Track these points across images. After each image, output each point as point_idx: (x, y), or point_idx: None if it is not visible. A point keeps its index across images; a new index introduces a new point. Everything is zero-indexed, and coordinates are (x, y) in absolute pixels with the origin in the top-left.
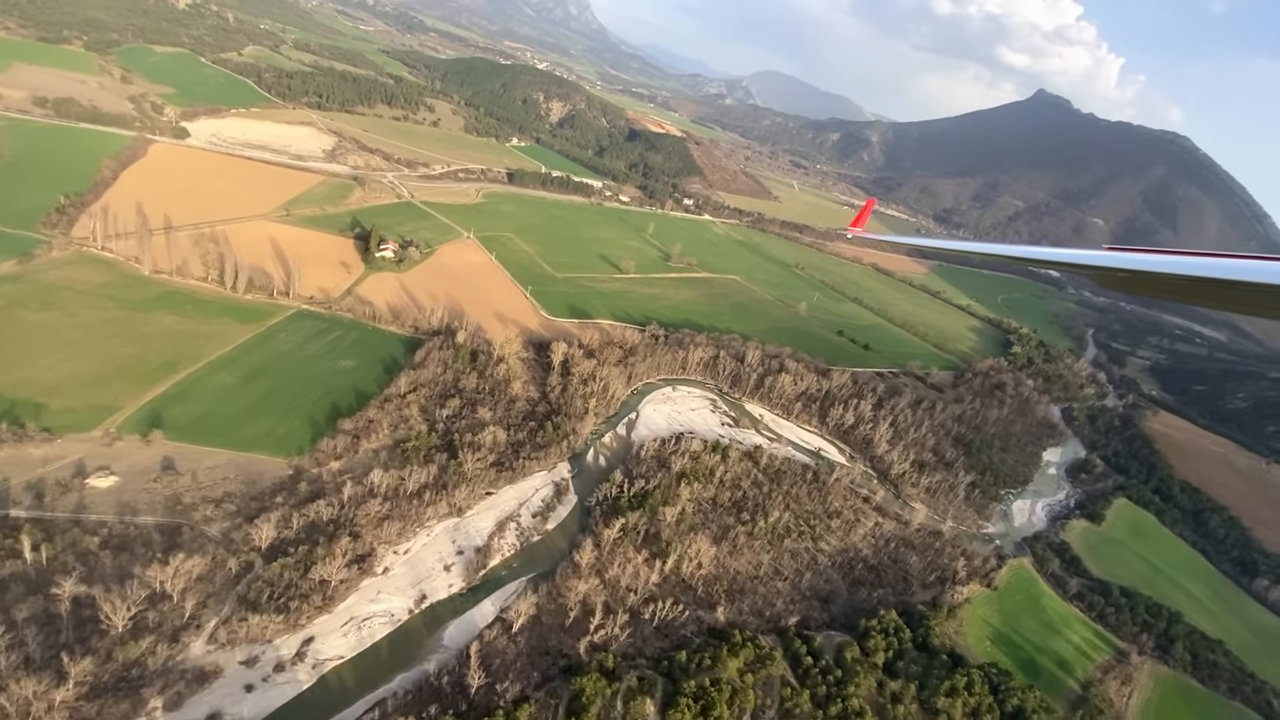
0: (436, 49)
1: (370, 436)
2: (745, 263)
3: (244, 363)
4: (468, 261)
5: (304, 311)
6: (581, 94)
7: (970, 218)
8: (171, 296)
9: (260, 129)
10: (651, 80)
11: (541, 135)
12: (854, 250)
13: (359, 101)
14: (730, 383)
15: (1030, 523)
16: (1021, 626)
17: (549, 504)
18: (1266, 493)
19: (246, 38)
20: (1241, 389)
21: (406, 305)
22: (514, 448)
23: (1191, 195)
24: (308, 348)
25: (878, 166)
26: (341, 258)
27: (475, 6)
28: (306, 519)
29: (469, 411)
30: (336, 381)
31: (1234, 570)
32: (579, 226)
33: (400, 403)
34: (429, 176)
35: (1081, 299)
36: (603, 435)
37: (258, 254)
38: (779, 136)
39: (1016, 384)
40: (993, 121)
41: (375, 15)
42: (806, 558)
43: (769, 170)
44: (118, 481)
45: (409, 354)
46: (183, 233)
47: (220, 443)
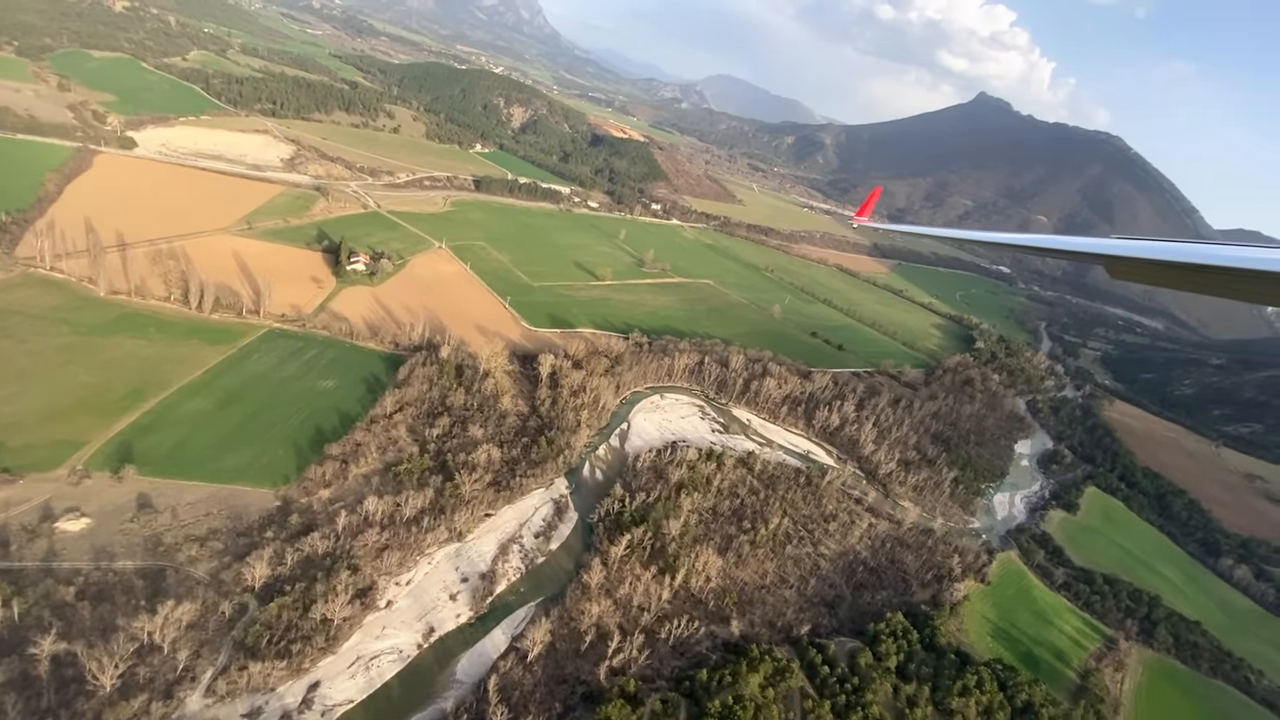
0: (389, 53)
1: (359, 461)
2: (717, 267)
3: (217, 387)
4: (442, 272)
5: (276, 330)
6: (542, 99)
7: (923, 217)
8: (132, 319)
9: (213, 138)
10: (607, 84)
11: (505, 141)
12: (819, 252)
13: (315, 108)
14: (716, 388)
15: (1012, 515)
16: (1017, 620)
17: (550, 523)
18: (1218, 475)
19: (190, 42)
20: (1186, 376)
21: (383, 320)
22: (509, 465)
23: (1126, 192)
24: (284, 369)
25: (832, 169)
26: (311, 272)
27: (425, 10)
28: (301, 554)
29: (460, 430)
30: (318, 404)
31: (1200, 551)
32: (550, 233)
33: (387, 423)
34: (394, 185)
35: (1031, 294)
36: (596, 448)
37: (221, 270)
38: (736, 140)
39: (984, 379)
40: (938, 123)
41: (322, 19)
42: (809, 564)
43: (729, 174)
44: (90, 524)
45: (391, 371)
46: (138, 249)
47: (199, 475)
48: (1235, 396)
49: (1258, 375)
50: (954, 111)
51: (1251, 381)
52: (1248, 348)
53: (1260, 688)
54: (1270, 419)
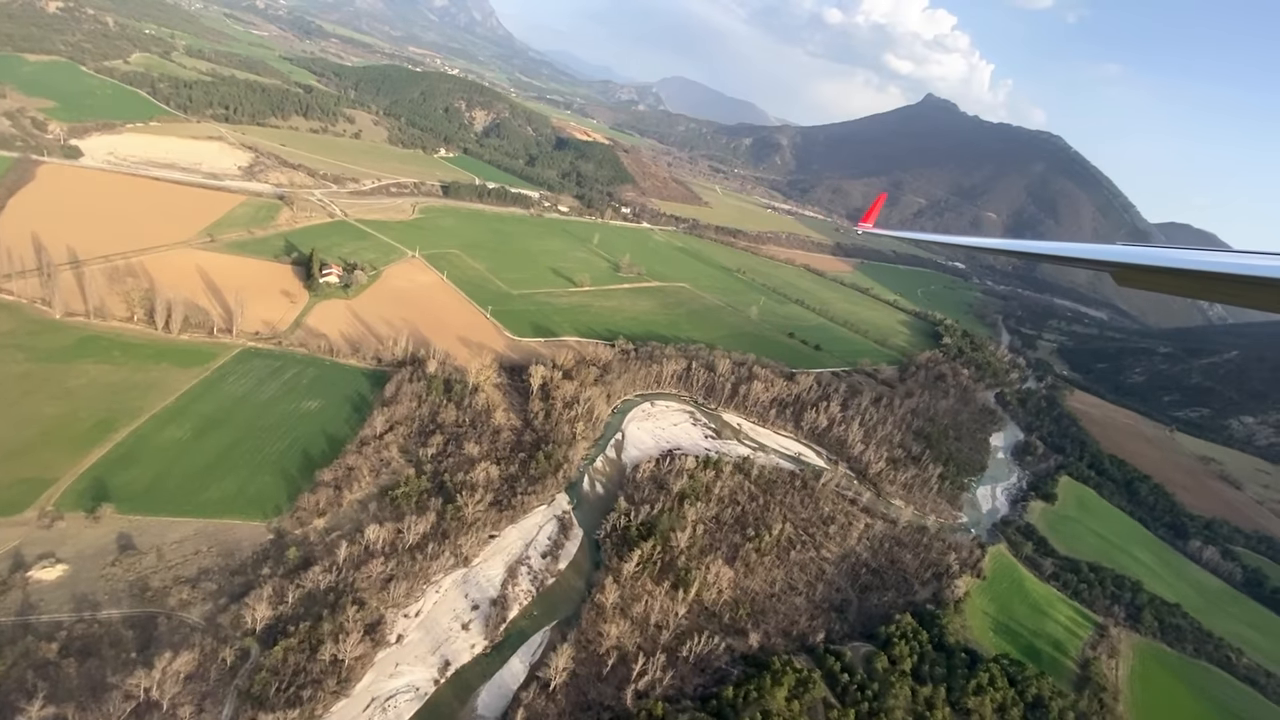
0: (340, 55)
1: (352, 486)
2: (691, 270)
3: (193, 414)
4: (418, 282)
5: (251, 350)
6: (504, 102)
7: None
8: (94, 342)
9: (164, 145)
10: (564, 86)
11: (469, 145)
12: (786, 252)
13: (271, 113)
14: (705, 393)
15: (995, 508)
16: (1014, 613)
17: (556, 541)
18: (1176, 459)
19: (130, 44)
20: (1137, 365)
21: (363, 335)
22: (508, 483)
23: (1068, 189)
24: (263, 390)
25: (790, 170)
26: (282, 286)
27: (374, 11)
28: (302, 590)
29: (454, 448)
30: (303, 427)
31: (1169, 535)
32: (523, 239)
33: (378, 444)
34: (360, 193)
35: (986, 288)
36: (594, 460)
37: (186, 287)
38: (695, 142)
39: (954, 374)
40: (889, 124)
41: (267, 19)
42: (814, 569)
43: (690, 176)
44: (68, 571)
45: (376, 389)
46: (93, 267)
47: (183, 510)
48: (1183, 383)
49: (1202, 362)
50: (903, 113)
51: (1197, 368)
52: (1187, 335)
53: (1241, 666)
54: (1216, 403)
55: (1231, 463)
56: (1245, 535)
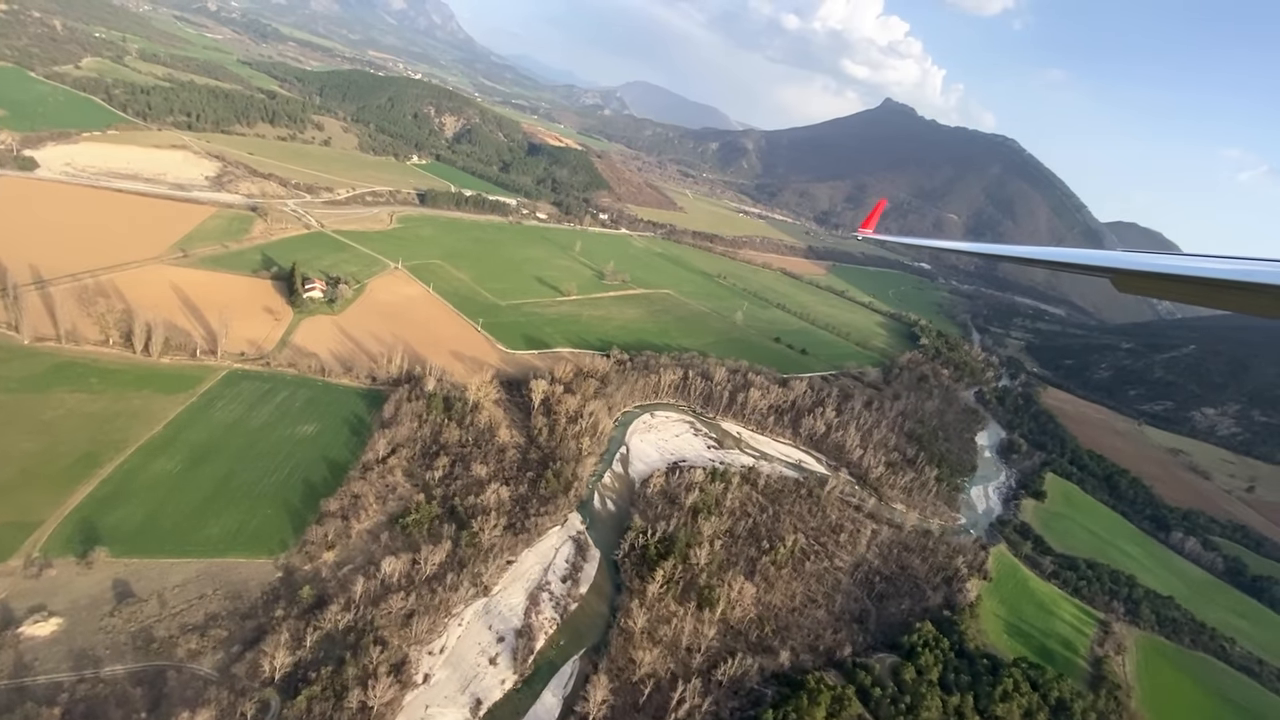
0: (299, 59)
1: (360, 515)
2: (672, 276)
3: (183, 443)
4: (404, 295)
5: (238, 372)
6: (474, 108)
7: (846, 218)
8: (68, 369)
9: (125, 155)
10: (527, 91)
11: (441, 152)
12: (762, 256)
13: (236, 120)
14: (703, 402)
15: (990, 508)
16: (1023, 613)
17: (574, 564)
18: (1147, 452)
19: (81, 48)
20: (1103, 360)
21: (353, 352)
22: (519, 504)
23: (1024, 190)
24: (255, 416)
25: (757, 173)
26: (264, 302)
27: (330, 14)
28: (319, 631)
29: (461, 469)
30: (301, 453)
31: (1151, 527)
32: (505, 248)
33: (382, 469)
34: (334, 202)
35: (952, 288)
36: (601, 476)
37: (162, 306)
38: (662, 147)
39: (935, 375)
40: (850, 128)
41: (220, 22)
42: (830, 579)
43: (661, 180)
44: (62, 624)
45: (373, 409)
46: (60, 286)
47: (183, 550)
48: (1146, 377)
49: (1163, 356)
50: (863, 117)
51: (1159, 362)
52: (1142, 330)
53: (1236, 655)
54: (1178, 396)
55: (1198, 454)
56: (1221, 525)
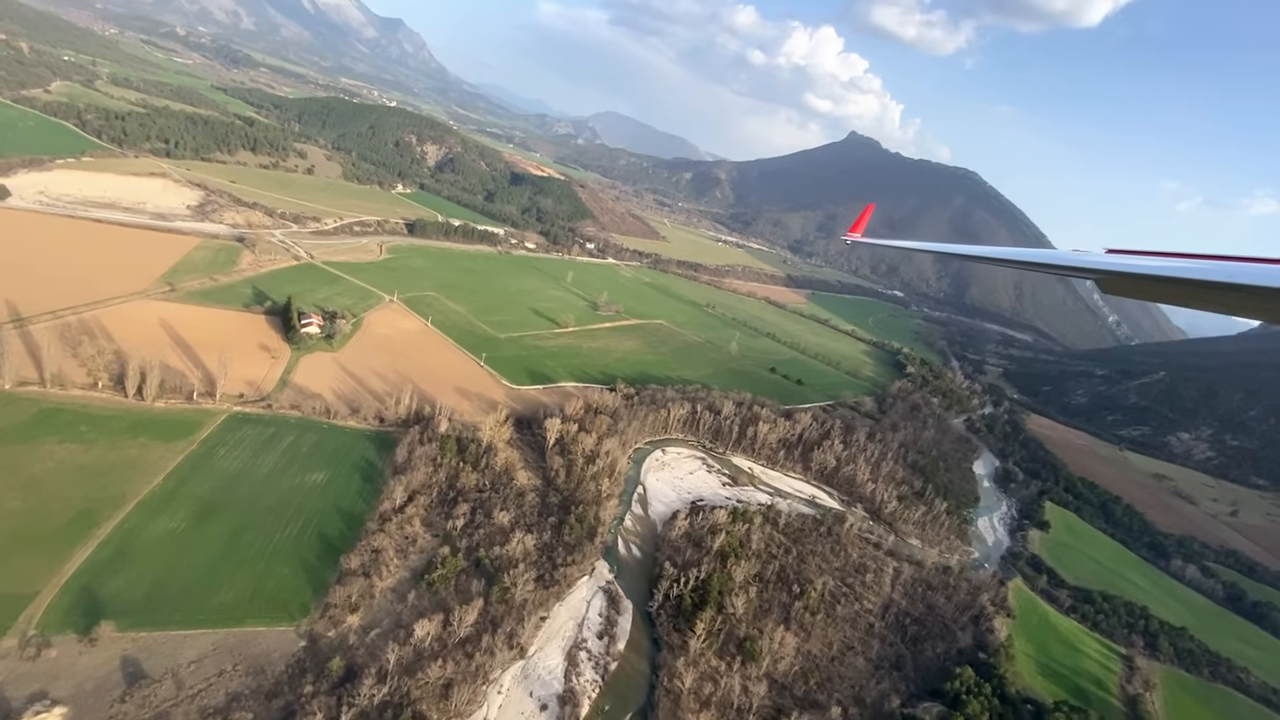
0: (272, 85)
1: (382, 571)
2: (663, 306)
3: (186, 497)
4: (402, 329)
5: (238, 415)
6: (456, 136)
7: (819, 247)
8: (55, 417)
9: (101, 182)
10: (501, 120)
11: (425, 181)
12: (746, 285)
13: (216, 147)
14: (712, 437)
15: (999, 540)
16: (1051, 651)
17: (608, 618)
18: (1133, 478)
19: (50, 71)
20: (1079, 387)
21: (357, 391)
22: (545, 553)
23: (987, 220)
24: (260, 464)
25: (730, 203)
26: (259, 339)
27: (301, 41)
28: (353, 708)
29: (483, 517)
30: (312, 504)
31: (1151, 555)
32: (497, 279)
33: (401, 519)
34: (322, 232)
35: (925, 315)
36: (623, 519)
37: (152, 344)
38: (637, 176)
39: (926, 403)
40: (818, 159)
41: (190, 47)
42: (863, 624)
43: (639, 209)
44: (68, 714)
45: (384, 453)
46: (40, 324)
47: (195, 620)
48: (1122, 402)
49: (1136, 383)
50: (830, 149)
51: (1133, 388)
52: (1109, 356)
53: (1253, 686)
54: (1154, 421)
55: (1180, 479)
56: (1214, 551)
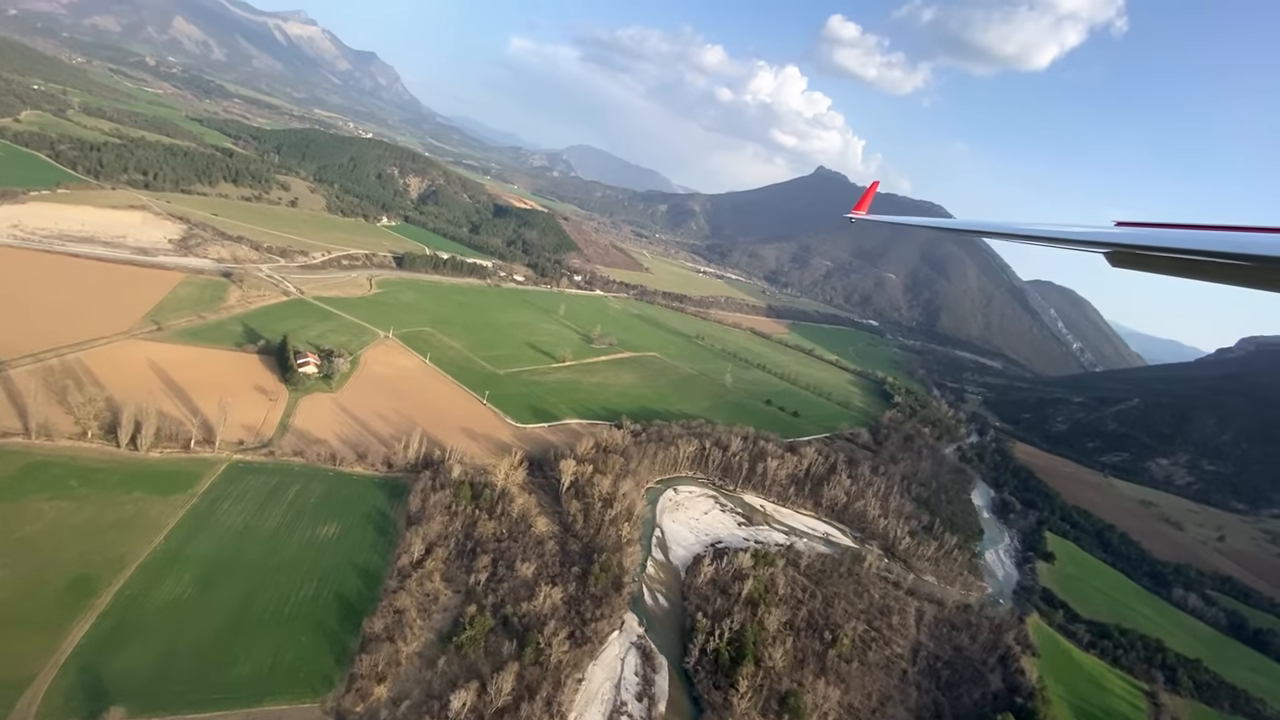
0: (246, 116)
1: (406, 635)
2: (654, 338)
3: (190, 558)
4: (401, 367)
5: (239, 464)
6: (438, 169)
7: (794, 277)
8: (41, 471)
9: (79, 216)
10: (476, 152)
11: (409, 213)
12: (731, 316)
13: (197, 179)
14: (721, 474)
15: (1008, 573)
16: (1080, 691)
17: (645, 677)
18: (1121, 504)
19: (19, 100)
20: (1059, 414)
21: (360, 435)
22: (572, 607)
23: (954, 252)
24: (267, 517)
25: (705, 234)
26: (254, 381)
27: (273, 73)
28: None
29: (505, 569)
30: (326, 560)
31: (1152, 584)
32: (490, 313)
33: (421, 575)
34: (310, 266)
35: (901, 344)
36: (644, 565)
37: (141, 388)
38: (613, 208)
39: (918, 434)
40: (788, 193)
41: (160, 77)
42: (896, 670)
43: (619, 241)
44: None
45: (395, 501)
46: (20, 368)
47: (211, 700)
48: (1101, 429)
49: (1113, 410)
50: (800, 183)
51: (1110, 415)
52: (1077, 382)
53: (1272, 717)
54: (1133, 447)
55: (1165, 504)
56: (1209, 578)
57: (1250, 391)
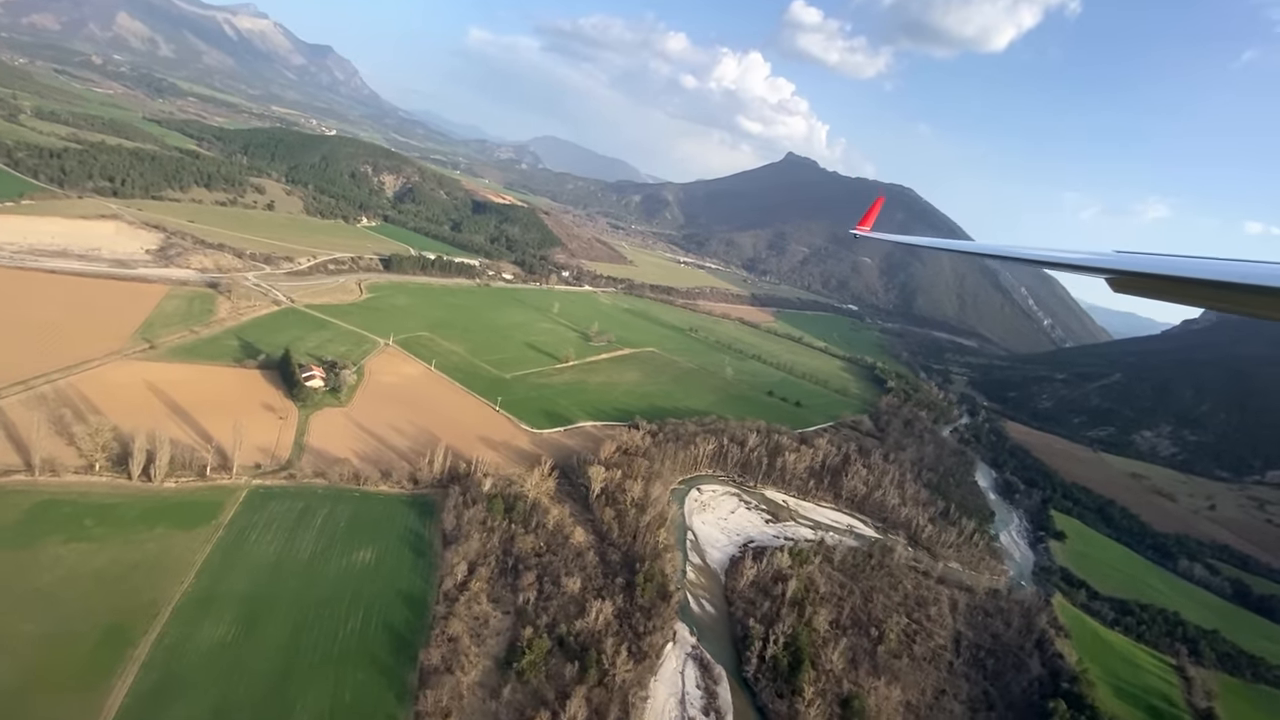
0: (203, 115)
1: (464, 664)
2: (649, 332)
3: (226, 597)
4: (406, 376)
5: (260, 490)
6: (413, 166)
7: (772, 264)
8: (51, 511)
9: (48, 228)
10: (442, 146)
11: (388, 213)
12: (720, 307)
13: (167, 184)
14: (740, 470)
15: (1024, 555)
16: (1115, 670)
17: (708, 690)
18: (1114, 479)
19: None
20: (1043, 391)
21: (378, 450)
22: (623, 620)
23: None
24: (298, 546)
25: (680, 224)
26: (260, 398)
27: (225, 69)
28: None
29: (551, 585)
30: (368, 589)
31: (1157, 557)
32: (484, 313)
33: (468, 598)
34: (296, 273)
35: (881, 328)
36: (685, 571)
37: (143, 411)
38: (586, 199)
39: (916, 418)
40: (760, 180)
41: (108, 77)
42: (942, 662)
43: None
44: None
45: (427, 520)
46: (10, 397)
47: None
48: (1085, 405)
49: (1095, 385)
50: (771, 169)
51: (1093, 391)
52: (1051, 359)
53: None
54: (1117, 421)
55: (1154, 476)
56: (1207, 547)
57: (1220, 361)
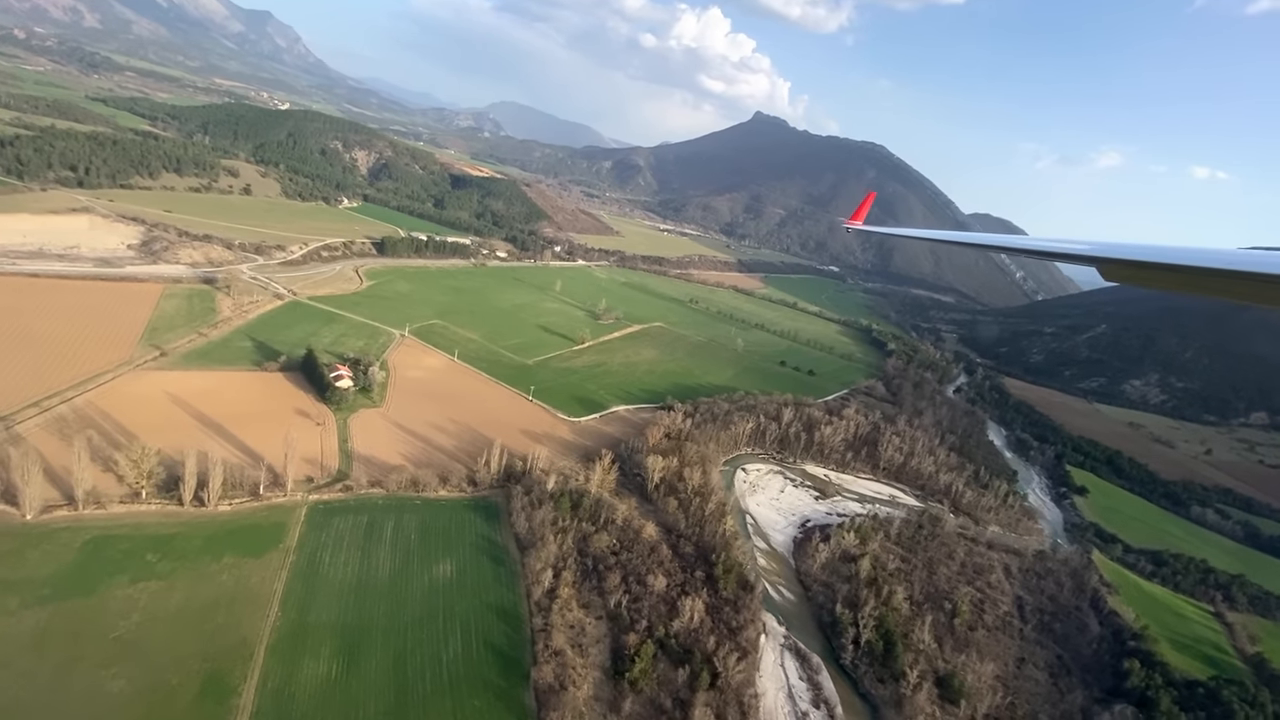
0: (145, 91)
1: (574, 678)
2: (651, 306)
3: (317, 629)
4: (431, 368)
5: (319, 505)
6: (385, 140)
7: (750, 228)
8: (107, 546)
9: (16, 226)
10: (399, 116)
11: (367, 192)
12: (715, 275)
13: (135, 171)
14: (778, 447)
15: (1053, 513)
16: (1165, 622)
17: (811, 681)
18: (1113, 429)
19: None
20: (1033, 345)
21: (427, 452)
22: (715, 615)
23: (899, 191)
24: (375, 564)
25: (654, 189)
26: (292, 404)
27: (159, 39)
28: None
29: (637, 585)
30: (458, 606)
31: (1170, 505)
32: (488, 296)
33: (560, 606)
34: (291, 262)
35: (864, 288)
36: (754, 557)
37: (172, 428)
38: (557, 168)
39: (924, 380)
40: (730, 141)
41: (33, 51)
42: (1014, 630)
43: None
44: None
45: (494, 524)
46: (28, 422)
47: None
48: (1075, 357)
49: (1084, 337)
50: (740, 129)
51: (1082, 343)
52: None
53: None
54: (1107, 372)
55: (1149, 424)
56: (1213, 492)
57: (1200, 309)
